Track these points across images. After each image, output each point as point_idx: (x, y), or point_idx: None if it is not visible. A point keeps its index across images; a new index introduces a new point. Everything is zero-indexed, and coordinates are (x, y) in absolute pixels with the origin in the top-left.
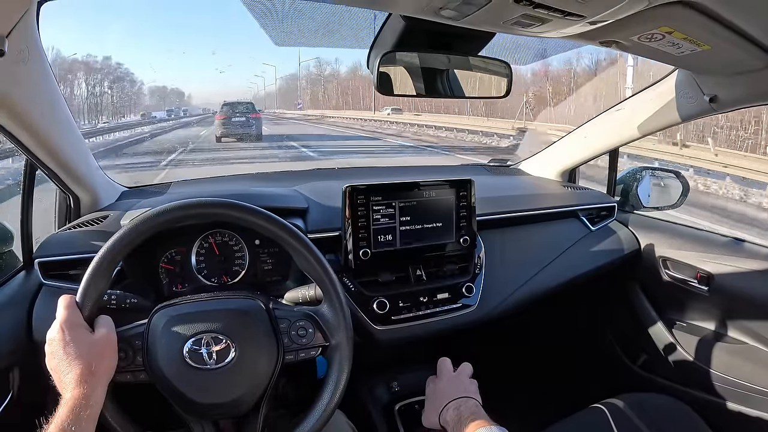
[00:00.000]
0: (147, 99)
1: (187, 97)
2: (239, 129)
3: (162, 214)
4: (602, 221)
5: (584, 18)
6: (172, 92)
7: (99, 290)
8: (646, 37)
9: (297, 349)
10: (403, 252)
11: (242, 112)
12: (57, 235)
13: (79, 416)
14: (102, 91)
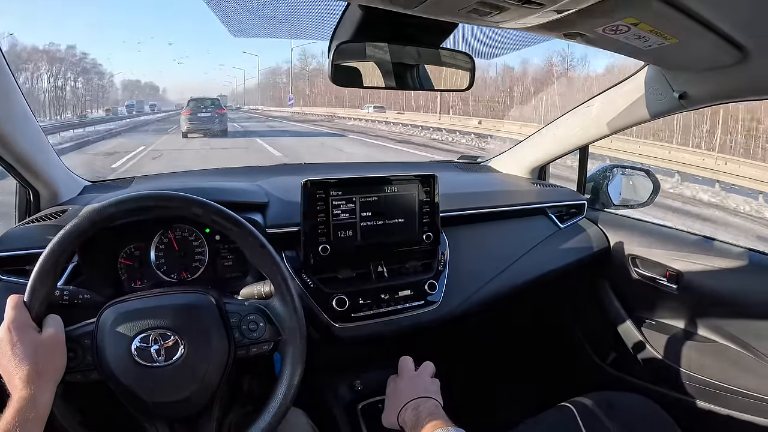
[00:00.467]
0: (120, 93)
1: (161, 91)
2: (205, 124)
3: (106, 209)
4: (571, 219)
5: (543, 6)
6: (146, 86)
7: (47, 288)
8: (610, 29)
9: (248, 344)
10: (364, 248)
11: (208, 107)
12: (15, 229)
13: (24, 418)
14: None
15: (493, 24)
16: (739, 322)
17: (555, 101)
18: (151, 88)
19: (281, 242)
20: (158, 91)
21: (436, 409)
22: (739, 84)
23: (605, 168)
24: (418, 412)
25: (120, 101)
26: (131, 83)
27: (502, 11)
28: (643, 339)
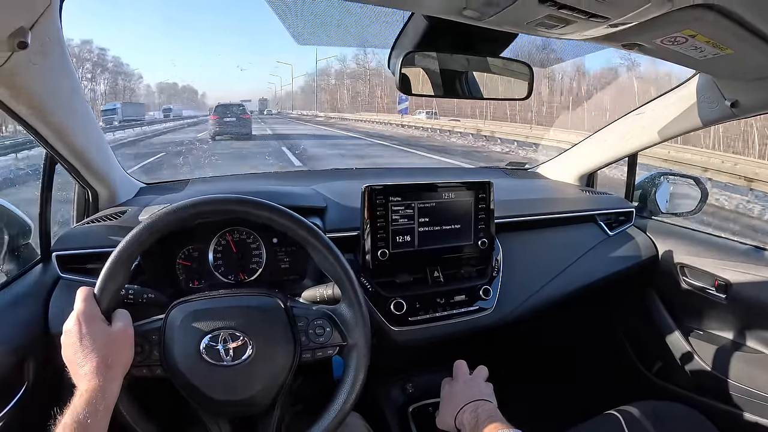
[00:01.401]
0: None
1: (200, 95)
2: (230, 128)
3: (182, 210)
4: (620, 226)
5: (607, 20)
6: (184, 89)
7: (117, 284)
8: (668, 40)
9: (314, 348)
10: (421, 253)
11: (234, 113)
12: (75, 229)
13: (94, 408)
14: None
15: (557, 36)
16: None
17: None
18: (190, 91)
19: (340, 246)
20: (197, 95)
21: (494, 412)
22: None
23: (653, 175)
24: (477, 414)
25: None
26: (168, 86)
27: (567, 24)
28: (690, 349)
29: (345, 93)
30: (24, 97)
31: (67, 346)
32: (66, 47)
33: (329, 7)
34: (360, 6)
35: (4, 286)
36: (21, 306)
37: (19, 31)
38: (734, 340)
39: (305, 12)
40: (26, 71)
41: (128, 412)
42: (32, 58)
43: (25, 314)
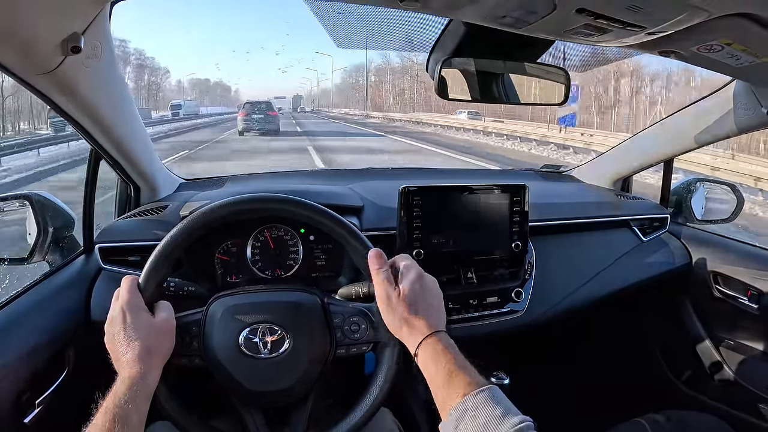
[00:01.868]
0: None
1: (233, 92)
2: (258, 125)
3: (228, 206)
4: (654, 232)
5: (644, 29)
6: (217, 86)
7: (161, 276)
8: (704, 48)
9: (349, 344)
10: (455, 254)
11: (261, 110)
12: (117, 222)
13: (135, 394)
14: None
15: (593, 43)
16: None
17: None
18: (222, 88)
19: (376, 245)
20: (230, 92)
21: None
22: None
23: (689, 181)
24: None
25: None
26: (200, 83)
27: (604, 33)
28: (720, 359)
29: (389, 90)
30: (75, 98)
31: (110, 335)
32: (114, 50)
33: (369, 11)
34: (399, 11)
35: (47, 276)
36: (63, 295)
37: (72, 36)
38: (765, 352)
39: (346, 15)
40: (78, 74)
41: (166, 399)
42: (84, 61)
43: (67, 303)
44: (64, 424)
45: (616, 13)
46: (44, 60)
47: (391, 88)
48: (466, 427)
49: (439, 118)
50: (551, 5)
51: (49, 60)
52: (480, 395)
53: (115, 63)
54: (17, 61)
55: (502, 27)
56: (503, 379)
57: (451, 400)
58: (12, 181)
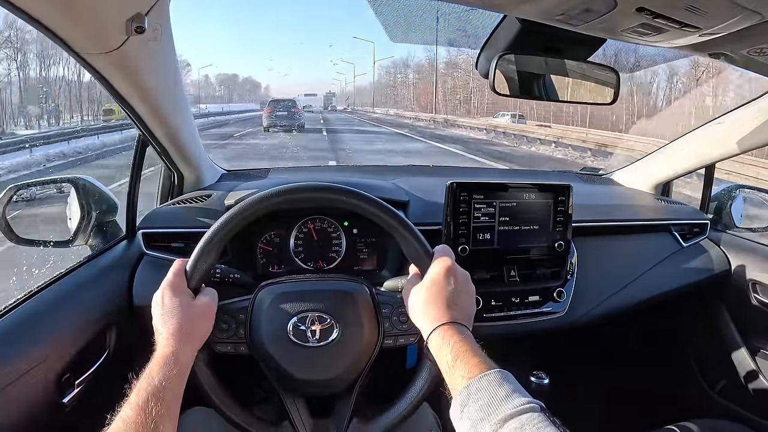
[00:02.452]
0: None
1: (263, 88)
2: (281, 121)
3: (278, 195)
4: (694, 238)
5: (699, 30)
6: (246, 82)
7: (209, 262)
8: (755, 51)
9: (396, 335)
10: (500, 251)
11: (285, 107)
12: (161, 209)
13: (168, 373)
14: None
15: (646, 43)
16: None
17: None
18: (252, 84)
19: None
20: (259, 88)
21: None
22: None
23: (730, 188)
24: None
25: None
26: (227, 78)
27: (659, 33)
28: (756, 368)
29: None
30: (132, 79)
31: (153, 314)
32: (172, 34)
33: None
34: (453, 6)
35: (90, 259)
36: (106, 279)
37: (136, 16)
38: None
39: (401, 10)
40: (138, 54)
41: (210, 387)
42: (145, 42)
43: (110, 287)
44: (101, 405)
45: (674, 13)
46: (108, 39)
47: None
48: (469, 410)
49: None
50: (612, 3)
51: (112, 39)
52: (484, 379)
53: (172, 48)
54: (81, 38)
55: (559, 24)
56: (543, 379)
57: (458, 385)
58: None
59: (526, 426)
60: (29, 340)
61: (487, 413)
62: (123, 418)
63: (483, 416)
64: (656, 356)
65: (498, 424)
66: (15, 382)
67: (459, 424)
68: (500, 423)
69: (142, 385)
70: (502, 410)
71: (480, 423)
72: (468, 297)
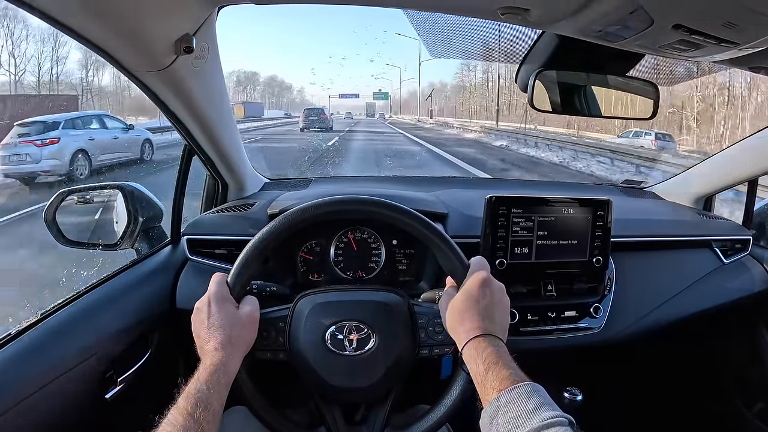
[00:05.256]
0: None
1: (297, 91)
2: (313, 124)
3: (320, 207)
4: (736, 254)
5: (737, 45)
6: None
7: (250, 272)
8: None
9: (432, 345)
10: (537, 266)
11: (316, 113)
12: (205, 216)
13: (216, 381)
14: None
15: (685, 58)
16: None
17: None
18: (281, 87)
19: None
20: (290, 91)
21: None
22: None
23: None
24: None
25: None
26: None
27: (698, 48)
28: None
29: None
30: (181, 95)
31: (196, 322)
32: (219, 52)
33: (461, 21)
34: (490, 22)
35: (136, 262)
36: (150, 282)
37: (185, 37)
38: None
39: (439, 25)
40: (186, 73)
41: (250, 392)
42: (193, 61)
43: (154, 290)
44: (141, 403)
45: (711, 29)
46: (158, 58)
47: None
48: (498, 422)
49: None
50: (649, 20)
51: (162, 58)
52: (514, 391)
53: (219, 64)
54: (133, 58)
55: (597, 41)
56: (576, 395)
57: (488, 396)
58: None
59: None
60: (78, 336)
61: (515, 425)
62: (171, 422)
63: (511, 428)
64: (694, 376)
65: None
66: (63, 375)
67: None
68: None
69: (191, 390)
70: (530, 423)
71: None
72: (503, 310)
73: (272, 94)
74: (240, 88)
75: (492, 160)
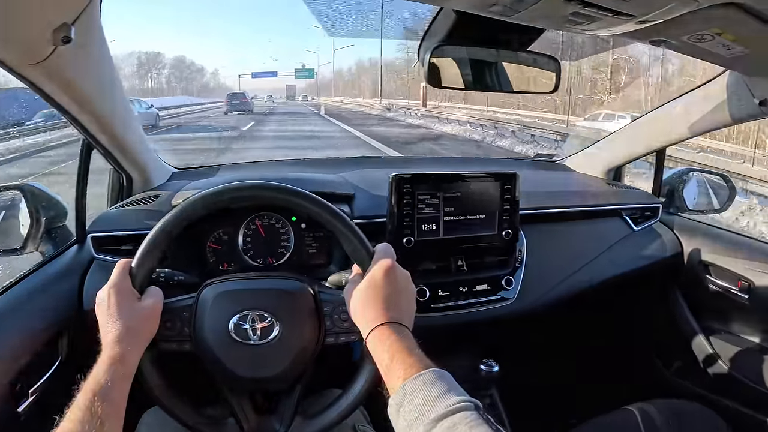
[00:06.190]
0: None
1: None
2: (236, 107)
3: (220, 194)
4: (646, 222)
5: (633, 18)
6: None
7: (153, 262)
8: (695, 38)
9: (338, 333)
10: (446, 242)
11: (238, 98)
12: (110, 212)
13: (114, 374)
14: None
15: (583, 32)
16: None
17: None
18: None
19: (366, 233)
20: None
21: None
22: None
23: (681, 171)
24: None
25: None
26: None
27: (593, 21)
28: (711, 349)
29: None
30: (67, 88)
31: (98, 315)
32: (105, 40)
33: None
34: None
35: (40, 266)
36: (56, 285)
37: (62, 26)
38: (756, 343)
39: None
40: (69, 63)
41: (155, 384)
42: (74, 51)
43: (60, 293)
44: (56, 412)
45: (604, 1)
46: (35, 50)
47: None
48: (405, 410)
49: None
50: None
51: (39, 50)
52: (419, 379)
53: (106, 53)
54: (8, 52)
55: (493, 15)
56: (492, 367)
57: (394, 384)
58: None
59: (458, 425)
60: None
61: (421, 413)
62: (70, 417)
63: (417, 416)
64: (611, 340)
65: (431, 424)
66: None
67: (396, 425)
68: (433, 423)
69: (89, 385)
70: (435, 410)
71: (414, 423)
72: (408, 297)
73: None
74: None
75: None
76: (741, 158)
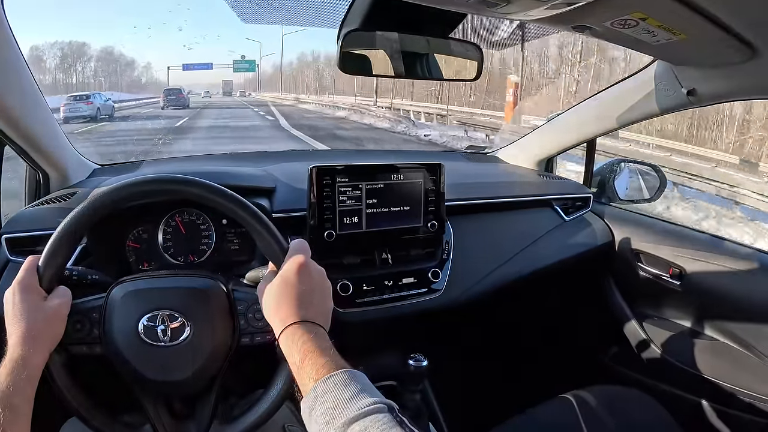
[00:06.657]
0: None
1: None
2: (172, 102)
3: (123, 189)
4: (577, 212)
5: (548, 0)
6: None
7: (60, 260)
8: (619, 23)
9: (253, 332)
10: (369, 235)
11: (174, 93)
12: (25, 211)
13: (16, 377)
14: None
15: (501, 15)
16: (741, 321)
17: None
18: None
19: (287, 227)
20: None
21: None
22: (749, 82)
23: (612, 162)
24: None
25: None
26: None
27: (509, 3)
28: (645, 335)
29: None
30: None
31: (5, 315)
32: (8, 27)
33: None
34: None
35: None
36: None
37: None
38: (688, 327)
39: None
40: None
41: (67, 389)
42: None
43: None
44: None
45: None
46: None
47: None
48: (316, 413)
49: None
50: None
51: None
52: (330, 380)
53: (12, 45)
54: None
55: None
56: (421, 362)
57: (306, 386)
58: None
59: (370, 428)
60: None
61: (332, 416)
62: None
63: (329, 419)
64: (547, 329)
65: (342, 428)
66: None
67: (309, 428)
68: (344, 426)
69: None
70: (346, 413)
71: (326, 426)
72: (322, 295)
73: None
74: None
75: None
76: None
